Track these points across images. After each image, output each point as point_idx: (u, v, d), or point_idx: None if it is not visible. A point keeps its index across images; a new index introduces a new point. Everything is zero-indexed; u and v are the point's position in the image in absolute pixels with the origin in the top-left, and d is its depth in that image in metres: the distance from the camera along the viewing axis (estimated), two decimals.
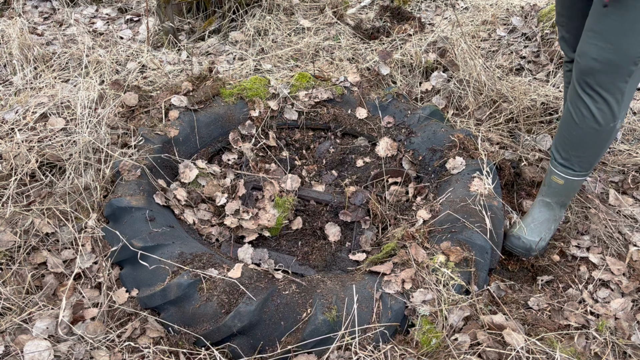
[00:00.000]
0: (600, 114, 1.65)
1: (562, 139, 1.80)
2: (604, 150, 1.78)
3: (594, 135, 1.71)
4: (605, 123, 1.67)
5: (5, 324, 1.52)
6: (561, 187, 1.88)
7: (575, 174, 1.84)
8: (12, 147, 1.98)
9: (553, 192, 1.91)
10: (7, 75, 2.58)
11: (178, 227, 1.78)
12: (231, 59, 2.93)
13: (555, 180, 1.87)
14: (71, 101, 2.25)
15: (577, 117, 1.70)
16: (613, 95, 1.60)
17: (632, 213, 2.06)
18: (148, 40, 2.95)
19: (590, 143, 1.74)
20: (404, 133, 2.24)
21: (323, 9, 3.28)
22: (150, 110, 2.21)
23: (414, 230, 1.75)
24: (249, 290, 1.49)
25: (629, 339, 1.64)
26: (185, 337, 1.50)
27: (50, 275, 1.69)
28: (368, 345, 1.51)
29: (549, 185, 1.91)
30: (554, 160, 1.88)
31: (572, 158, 1.81)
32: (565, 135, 1.78)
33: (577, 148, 1.78)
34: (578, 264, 1.91)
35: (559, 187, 1.88)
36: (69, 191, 1.89)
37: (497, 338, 1.51)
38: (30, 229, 1.77)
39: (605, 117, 1.65)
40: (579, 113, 1.69)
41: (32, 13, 3.32)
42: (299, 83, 2.38)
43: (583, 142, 1.75)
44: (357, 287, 1.57)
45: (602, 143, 1.74)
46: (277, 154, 2.28)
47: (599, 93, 1.61)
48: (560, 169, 1.85)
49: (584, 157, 1.79)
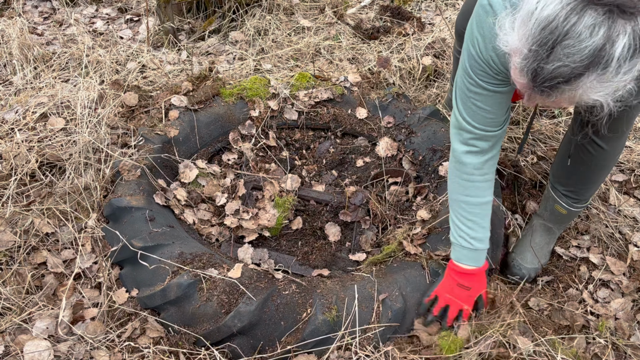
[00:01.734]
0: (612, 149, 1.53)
1: (566, 176, 1.69)
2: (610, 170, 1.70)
3: (603, 168, 1.62)
4: (618, 151, 1.56)
5: (5, 324, 1.52)
6: (564, 216, 1.82)
7: (579, 204, 1.77)
8: (12, 147, 1.98)
9: (556, 219, 1.85)
10: (7, 75, 2.58)
11: (178, 227, 1.78)
12: (231, 59, 2.93)
13: (559, 210, 1.80)
14: (71, 101, 2.25)
15: (586, 156, 1.56)
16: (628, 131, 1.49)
17: (632, 213, 2.06)
18: (148, 40, 2.95)
19: (598, 175, 1.66)
20: (404, 133, 2.24)
21: (323, 9, 3.28)
22: (150, 110, 2.21)
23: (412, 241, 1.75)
24: (249, 290, 1.49)
25: (629, 339, 1.64)
26: (185, 337, 1.50)
27: (50, 275, 1.69)
28: (368, 345, 1.51)
29: (552, 212, 1.84)
30: (556, 191, 1.79)
31: (578, 190, 1.72)
32: (571, 172, 1.65)
33: (585, 182, 1.68)
34: (578, 264, 1.91)
35: (562, 216, 1.83)
36: (69, 191, 1.89)
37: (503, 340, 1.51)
38: (30, 229, 1.77)
39: (618, 148, 1.55)
40: (587, 154, 1.55)
41: (32, 13, 3.32)
42: (299, 83, 2.38)
43: (591, 178, 1.66)
44: (357, 287, 1.57)
45: (611, 166, 1.64)
46: (277, 154, 2.28)
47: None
48: (564, 200, 1.77)
49: (592, 187, 1.71)
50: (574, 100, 0.99)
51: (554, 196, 1.80)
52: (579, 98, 0.97)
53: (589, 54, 0.89)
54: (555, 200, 1.79)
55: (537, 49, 0.93)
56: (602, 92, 0.95)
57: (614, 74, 0.91)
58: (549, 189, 1.83)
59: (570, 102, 1.01)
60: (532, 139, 2.34)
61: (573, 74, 0.91)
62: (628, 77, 0.92)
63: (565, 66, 0.91)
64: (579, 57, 0.89)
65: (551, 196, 1.81)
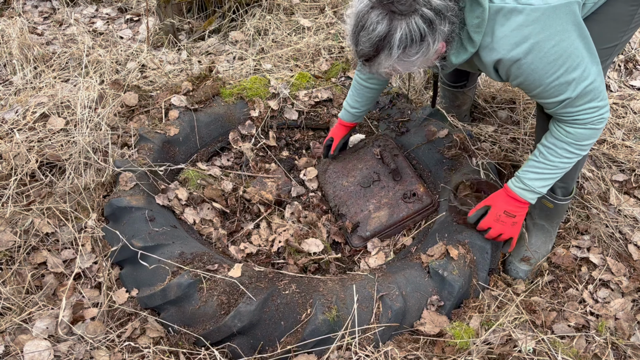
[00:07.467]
0: None
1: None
2: (580, 167, 1.78)
3: None
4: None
5: (5, 324, 1.52)
6: (552, 210, 1.88)
7: (563, 197, 1.84)
8: (12, 147, 1.98)
9: (545, 215, 1.91)
10: (7, 75, 2.58)
11: (178, 227, 1.78)
12: (231, 58, 2.93)
13: (546, 204, 1.87)
14: (71, 101, 2.25)
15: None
16: None
17: (632, 213, 2.06)
18: (148, 40, 2.94)
19: None
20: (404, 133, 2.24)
21: (323, 8, 3.28)
22: (150, 110, 2.21)
23: None
24: (249, 290, 1.49)
25: (629, 339, 1.64)
26: (185, 337, 1.50)
27: (50, 275, 1.69)
28: (368, 345, 1.51)
29: (540, 208, 1.90)
30: None
31: (554, 187, 1.79)
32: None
33: None
34: (578, 264, 1.91)
35: (550, 211, 1.88)
36: (69, 191, 1.89)
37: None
38: (30, 228, 1.77)
39: None
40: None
41: (32, 13, 3.32)
42: (299, 83, 2.38)
43: None
44: (357, 287, 1.57)
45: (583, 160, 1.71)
46: (277, 154, 2.28)
47: None
48: (548, 193, 1.83)
49: (567, 176, 1.75)
50: (393, 72, 1.33)
51: None
52: (397, 70, 1.31)
53: (376, 41, 1.24)
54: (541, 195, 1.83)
55: (352, 35, 1.29)
56: (413, 67, 1.31)
57: (403, 54, 1.25)
58: None
59: (392, 73, 1.35)
60: (531, 139, 2.34)
61: (370, 54, 1.27)
62: (419, 57, 1.27)
63: (364, 48, 1.27)
64: (370, 43, 1.25)
65: None
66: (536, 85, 1.37)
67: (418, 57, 1.27)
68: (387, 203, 1.94)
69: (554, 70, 1.32)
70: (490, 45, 1.32)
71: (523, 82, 1.38)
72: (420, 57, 1.28)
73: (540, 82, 1.36)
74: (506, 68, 1.36)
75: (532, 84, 1.37)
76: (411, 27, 1.21)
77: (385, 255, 1.84)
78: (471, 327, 1.55)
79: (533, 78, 1.35)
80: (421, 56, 1.27)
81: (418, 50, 1.25)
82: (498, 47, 1.31)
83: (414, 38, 1.22)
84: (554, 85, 1.36)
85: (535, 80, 1.35)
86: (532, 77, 1.35)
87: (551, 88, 1.36)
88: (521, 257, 1.89)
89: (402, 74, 1.36)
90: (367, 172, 2.07)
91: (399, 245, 1.91)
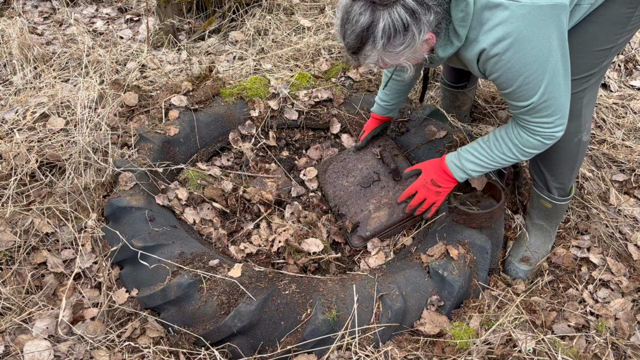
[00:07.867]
0: None
1: (539, 168, 1.82)
2: (577, 168, 1.79)
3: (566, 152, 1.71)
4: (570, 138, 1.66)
5: (5, 324, 1.52)
6: (551, 211, 1.89)
7: (561, 197, 1.85)
8: (12, 147, 1.98)
9: (544, 215, 1.91)
10: (7, 75, 2.58)
11: (178, 227, 1.78)
12: (231, 58, 2.93)
13: (544, 204, 1.88)
14: (71, 101, 2.25)
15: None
16: None
17: (632, 213, 2.06)
18: (148, 40, 2.94)
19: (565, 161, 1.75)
20: (403, 133, 2.24)
21: (323, 8, 3.28)
22: (150, 110, 2.21)
23: None
24: (249, 290, 1.49)
25: (629, 339, 1.64)
26: (185, 337, 1.50)
27: (50, 275, 1.69)
28: (368, 346, 1.51)
29: (539, 209, 1.92)
30: (537, 185, 1.89)
31: (553, 180, 1.81)
32: (542, 162, 1.78)
33: (550, 169, 1.78)
34: (578, 264, 1.91)
35: (549, 211, 1.89)
36: (68, 191, 1.89)
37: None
38: (30, 228, 1.77)
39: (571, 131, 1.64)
40: None
41: (32, 13, 3.32)
42: (299, 83, 2.38)
43: (559, 164, 1.75)
44: (357, 287, 1.57)
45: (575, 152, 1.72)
46: (277, 154, 2.28)
47: None
48: (545, 193, 1.86)
49: (564, 176, 1.79)
50: (381, 64, 1.34)
51: (537, 192, 1.89)
52: (385, 62, 1.32)
53: (360, 32, 1.25)
54: (539, 196, 1.88)
55: (339, 29, 1.32)
56: (401, 58, 1.31)
57: (388, 45, 1.26)
58: (532, 186, 1.93)
59: (382, 65, 1.35)
60: None
61: (356, 46, 1.29)
62: (405, 49, 1.27)
63: (350, 40, 1.28)
64: (355, 35, 1.26)
65: (535, 192, 1.91)
66: (509, 85, 1.38)
67: (404, 48, 1.27)
68: (387, 203, 1.94)
69: (528, 72, 1.33)
70: (476, 39, 1.33)
71: (497, 78, 1.38)
72: (407, 49, 1.28)
73: (512, 81, 1.36)
74: (484, 62, 1.37)
75: (505, 83, 1.38)
76: (393, 17, 1.22)
77: (385, 255, 1.84)
78: (471, 327, 1.55)
79: (506, 77, 1.36)
80: (407, 47, 1.28)
81: (403, 41, 1.26)
82: (481, 40, 1.32)
83: (397, 28, 1.23)
84: (524, 89, 1.37)
85: (508, 79, 1.36)
86: (506, 76, 1.36)
87: (521, 90, 1.37)
88: (521, 257, 1.89)
89: (391, 66, 1.38)
90: (367, 172, 2.07)
91: (399, 245, 1.91)
